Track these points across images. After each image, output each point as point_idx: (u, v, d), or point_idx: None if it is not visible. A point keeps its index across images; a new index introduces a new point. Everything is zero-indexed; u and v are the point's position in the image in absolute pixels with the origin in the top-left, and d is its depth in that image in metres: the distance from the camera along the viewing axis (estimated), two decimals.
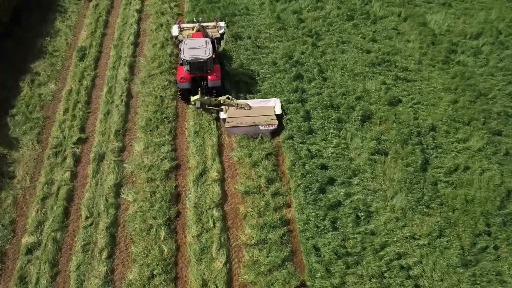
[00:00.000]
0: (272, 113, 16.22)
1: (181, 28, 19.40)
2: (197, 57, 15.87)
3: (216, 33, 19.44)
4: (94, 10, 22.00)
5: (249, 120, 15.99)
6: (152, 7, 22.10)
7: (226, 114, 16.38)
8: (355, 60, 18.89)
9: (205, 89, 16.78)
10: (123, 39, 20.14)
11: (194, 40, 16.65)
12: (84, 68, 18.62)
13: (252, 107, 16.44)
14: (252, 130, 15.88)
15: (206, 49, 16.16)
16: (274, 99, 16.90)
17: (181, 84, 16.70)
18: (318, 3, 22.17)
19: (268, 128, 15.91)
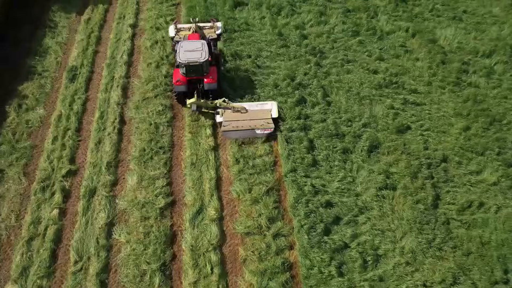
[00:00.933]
0: (269, 117, 16.15)
1: (177, 28, 18.99)
2: (193, 60, 15.76)
3: (213, 33, 19.12)
4: (86, 25, 21.02)
5: (245, 124, 15.92)
6: (147, 21, 21.13)
7: (222, 117, 16.26)
8: (361, 82, 18.07)
9: (201, 92, 16.62)
10: (116, 57, 19.23)
11: (190, 43, 16.59)
12: (74, 90, 17.74)
13: (248, 110, 16.38)
14: (248, 134, 15.84)
15: (202, 52, 16.03)
16: (270, 102, 16.86)
17: (177, 87, 16.48)
18: (321, 17, 21.24)
19: (265, 132, 15.84)
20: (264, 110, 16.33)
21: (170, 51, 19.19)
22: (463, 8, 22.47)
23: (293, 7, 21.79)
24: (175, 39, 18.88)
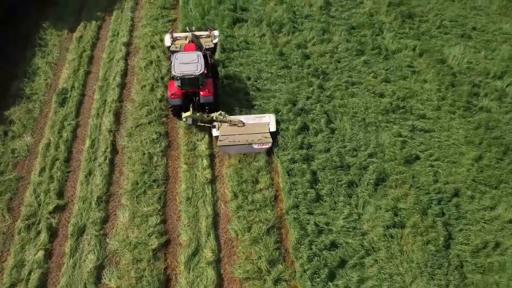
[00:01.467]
0: (267, 131, 15.80)
1: (173, 38, 18.75)
2: (188, 73, 15.48)
3: (210, 43, 18.90)
4: (78, 43, 20.23)
5: (242, 138, 15.60)
6: (141, 39, 20.33)
7: (219, 131, 15.99)
8: (366, 106, 17.28)
9: (197, 105, 16.32)
10: (108, 79, 18.46)
11: (185, 54, 16.35)
12: (64, 115, 16.93)
13: (245, 123, 16.10)
14: (245, 149, 15.47)
15: (197, 64, 15.81)
16: (268, 115, 16.49)
17: (172, 100, 16.22)
18: (324, 34, 20.44)
19: (262, 146, 15.47)
20: (262, 124, 16.07)
21: (165, 72, 18.45)
22: (472, 24, 21.73)
23: (295, 24, 21.02)
24: (171, 49, 18.61)
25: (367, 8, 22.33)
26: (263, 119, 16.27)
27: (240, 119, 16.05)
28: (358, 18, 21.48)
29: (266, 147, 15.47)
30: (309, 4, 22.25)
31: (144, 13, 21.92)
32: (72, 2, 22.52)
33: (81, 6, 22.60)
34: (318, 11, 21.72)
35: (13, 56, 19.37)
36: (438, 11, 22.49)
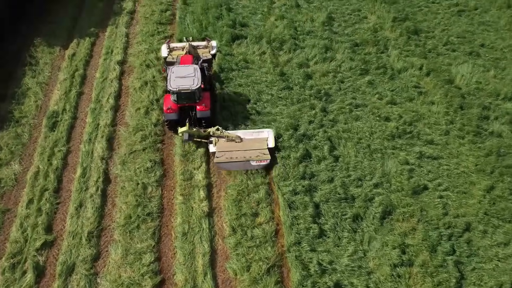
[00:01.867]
0: (265, 147, 15.48)
1: (170, 48, 18.61)
2: (184, 87, 15.18)
3: (208, 53, 18.80)
4: (70, 62, 19.50)
5: (239, 155, 15.28)
6: (136, 57, 19.62)
7: (216, 147, 15.63)
8: (371, 131, 16.62)
9: (193, 119, 16.00)
10: (101, 100, 17.79)
11: (182, 68, 16.03)
12: (55, 141, 16.25)
13: (243, 139, 15.78)
14: (243, 165, 15.19)
15: (194, 78, 15.50)
16: (267, 129, 16.21)
17: (167, 115, 15.92)
18: (327, 52, 19.74)
19: (260, 163, 15.16)
20: (260, 139, 15.73)
21: (161, 94, 17.73)
22: (480, 41, 21.00)
23: (296, 41, 20.30)
24: (168, 60, 18.41)
25: (371, 23, 21.72)
26: (261, 134, 16.01)
27: (237, 135, 15.76)
28: (362, 34, 20.86)
29: (264, 164, 15.15)
30: (311, 19, 21.66)
31: (139, 28, 21.29)
32: (65, 18, 21.83)
33: (74, 21, 21.93)
34: (321, 27, 21.09)
35: (2, 75, 18.67)
36: (445, 26, 21.86)
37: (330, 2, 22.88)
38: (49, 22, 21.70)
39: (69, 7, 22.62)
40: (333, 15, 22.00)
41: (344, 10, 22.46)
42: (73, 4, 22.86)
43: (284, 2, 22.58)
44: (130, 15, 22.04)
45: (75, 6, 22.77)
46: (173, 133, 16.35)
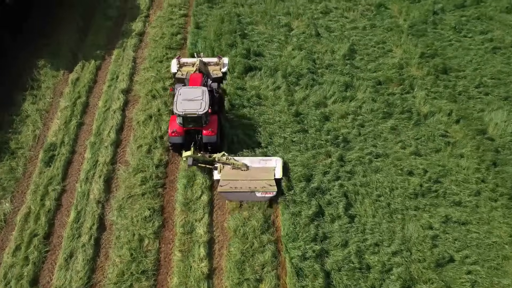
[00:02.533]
0: (272, 178, 15.11)
1: (180, 63, 18.61)
2: (191, 111, 15.00)
3: (218, 71, 18.77)
4: (73, 87, 18.81)
5: (244, 185, 15.00)
6: (142, 86, 18.77)
7: (220, 174, 15.37)
8: (392, 187, 15.35)
9: (199, 143, 15.78)
10: (102, 134, 16.96)
11: (190, 90, 15.79)
12: (50, 178, 15.49)
13: (250, 167, 15.45)
14: (247, 197, 14.89)
15: (202, 102, 15.26)
16: (275, 158, 15.82)
17: (172, 138, 15.76)
18: (347, 90, 18.47)
19: (266, 195, 14.83)
20: (267, 169, 15.44)
21: (165, 130, 16.78)
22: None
23: (314, 75, 19.04)
24: (177, 76, 18.52)
25: (397, 58, 20.32)
26: (269, 162, 15.65)
27: (244, 162, 15.49)
28: (386, 71, 19.53)
29: (270, 196, 14.82)
30: (331, 51, 20.47)
31: (147, 52, 20.48)
32: (71, 37, 21.22)
33: (81, 41, 21.23)
34: (341, 60, 19.89)
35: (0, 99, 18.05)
36: (477, 65, 20.36)
37: (353, 31, 21.72)
38: (54, 41, 21.05)
39: (76, 25, 21.99)
40: (355, 46, 20.73)
41: (368, 41, 21.24)
42: (80, 22, 22.15)
43: (303, 30, 21.52)
44: (139, 37, 21.32)
45: (82, 24, 22.07)
46: (178, 155, 16.09)
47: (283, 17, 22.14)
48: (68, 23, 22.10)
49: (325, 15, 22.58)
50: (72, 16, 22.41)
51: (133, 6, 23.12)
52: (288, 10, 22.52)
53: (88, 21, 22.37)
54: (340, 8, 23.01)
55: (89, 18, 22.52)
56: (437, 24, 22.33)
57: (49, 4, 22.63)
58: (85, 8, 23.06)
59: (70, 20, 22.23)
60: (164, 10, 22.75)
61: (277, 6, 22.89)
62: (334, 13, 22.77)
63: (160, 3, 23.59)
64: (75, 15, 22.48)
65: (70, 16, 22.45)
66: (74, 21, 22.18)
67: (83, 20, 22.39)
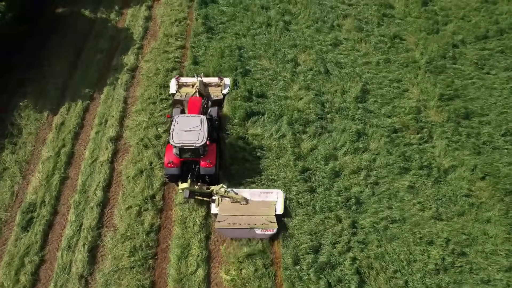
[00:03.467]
0: (272, 213, 14.77)
1: (179, 84, 18.33)
2: (188, 143, 14.63)
3: (219, 93, 18.51)
4: (57, 133, 17.49)
5: (244, 221, 14.62)
6: (133, 133, 17.43)
7: (218, 208, 15.00)
8: (410, 260, 13.96)
9: (196, 174, 15.44)
10: (88, 191, 15.64)
11: (187, 119, 15.31)
12: (27, 247, 14.13)
13: (249, 201, 15.08)
14: (246, 234, 14.48)
15: (200, 133, 14.87)
16: (276, 191, 15.44)
17: (168, 169, 15.37)
18: (359, 139, 17.09)
19: (266, 232, 14.47)
20: (268, 203, 15.10)
21: (157, 188, 15.56)
22: None
23: (323, 121, 17.72)
24: (176, 97, 18.23)
25: (413, 100, 18.81)
26: (269, 196, 15.29)
27: (243, 196, 15.17)
28: (402, 117, 18.07)
29: (270, 233, 14.44)
30: (342, 91, 19.09)
31: (140, 92, 19.12)
32: (58, 72, 19.89)
33: (68, 77, 19.73)
34: (353, 103, 18.50)
35: None
36: (503, 108, 18.90)
37: (365, 67, 20.27)
38: (40, 77, 19.72)
39: (64, 58, 20.61)
40: (368, 85, 19.28)
41: (382, 79, 19.82)
42: (69, 55, 20.75)
43: (311, 66, 20.11)
44: (130, 72, 19.92)
45: (71, 57, 20.66)
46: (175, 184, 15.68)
47: (289, 50, 20.84)
48: (57, 56, 20.73)
49: (334, 48, 21.28)
50: (62, 49, 21.00)
51: (127, 36, 21.83)
52: (294, 42, 21.22)
53: (78, 54, 21.00)
54: (351, 39, 21.74)
55: (79, 50, 21.14)
56: (457, 59, 21.01)
57: (40, 35, 21.31)
58: (77, 38, 21.63)
59: (60, 53, 20.85)
60: (159, 41, 21.44)
61: (282, 37, 21.62)
62: (345, 45, 21.50)
63: (155, 32, 22.33)
64: (65, 47, 21.08)
65: (60, 48, 21.02)
66: (63, 54, 20.76)
67: (74, 52, 21.00)
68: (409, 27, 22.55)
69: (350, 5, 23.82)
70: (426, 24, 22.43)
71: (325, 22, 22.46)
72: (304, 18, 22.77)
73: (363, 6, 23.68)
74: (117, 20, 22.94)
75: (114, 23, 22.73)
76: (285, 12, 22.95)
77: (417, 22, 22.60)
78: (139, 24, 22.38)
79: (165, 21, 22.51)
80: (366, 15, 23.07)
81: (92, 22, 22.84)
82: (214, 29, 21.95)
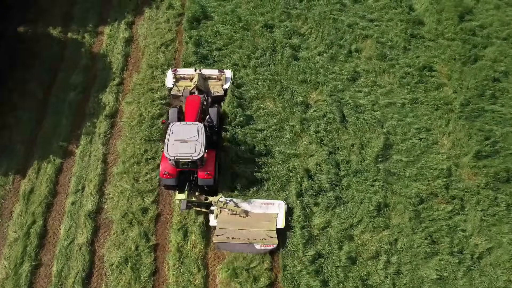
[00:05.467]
0: (273, 228, 15.00)
1: (176, 77, 18.02)
2: (184, 156, 14.53)
3: (219, 88, 18.02)
4: (26, 205, 15.60)
5: (243, 235, 14.96)
6: (115, 204, 15.50)
7: (217, 221, 15.29)
8: None
9: (194, 184, 15.47)
10: (64, 284, 14.07)
11: (183, 128, 15.04)
12: None
13: (249, 213, 15.31)
14: (245, 248, 14.82)
15: (197, 144, 14.66)
16: (278, 202, 15.65)
17: (163, 180, 15.52)
18: (379, 214, 15.33)
19: (266, 247, 14.78)
20: (269, 216, 15.30)
21: (146, 280, 14.10)
22: None
23: (338, 189, 15.70)
24: (173, 93, 17.96)
25: (444, 156, 16.72)
26: (271, 207, 15.46)
27: (243, 209, 15.31)
28: (429, 182, 16.02)
29: (270, 248, 14.78)
30: (361, 146, 16.94)
31: (121, 146, 17.00)
32: (26, 121, 17.48)
33: (37, 127, 17.44)
34: (372, 164, 16.49)
35: None
36: None
37: (388, 110, 17.84)
38: (4, 128, 17.43)
39: (30, 100, 18.03)
40: (391, 136, 17.12)
41: (407, 127, 17.49)
42: (36, 93, 18.28)
43: (324, 111, 17.65)
44: (110, 119, 17.64)
45: (38, 96, 18.23)
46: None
47: (298, 88, 18.40)
48: (22, 96, 18.26)
49: (352, 83, 18.78)
50: (27, 86, 18.46)
51: (104, 66, 19.15)
52: (304, 77, 18.68)
53: (47, 91, 18.49)
54: (372, 70, 19.12)
55: (48, 87, 18.61)
56: (497, 98, 18.66)
57: None
58: (44, 70, 18.92)
59: (24, 92, 18.39)
60: (142, 74, 18.80)
61: (289, 68, 19.03)
62: (364, 78, 18.94)
63: (138, 60, 19.59)
64: (30, 83, 18.56)
65: (24, 85, 18.49)
66: (28, 94, 18.27)
67: (41, 89, 18.50)
68: (442, 52, 19.95)
69: (371, 20, 20.97)
70: (462, 49, 19.74)
71: (341, 47, 19.81)
72: (316, 41, 20.09)
73: (386, 23, 20.86)
74: (92, 43, 20.15)
75: (89, 47, 20.00)
76: (293, 33, 20.17)
77: (451, 47, 19.92)
78: (118, 49, 19.65)
79: (149, 46, 19.75)
80: (390, 35, 20.33)
81: (62, 45, 20.05)
82: (208, 58, 19.36)
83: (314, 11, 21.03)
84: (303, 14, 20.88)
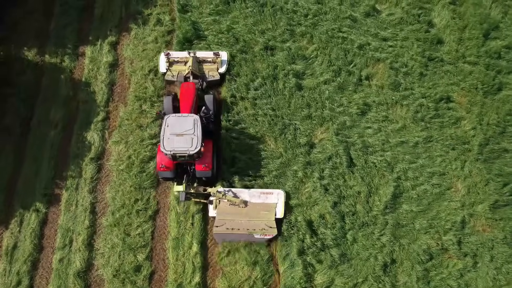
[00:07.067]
0: (272, 218, 15.83)
1: (170, 60, 18.20)
2: (180, 150, 15.01)
3: (215, 72, 18.29)
4: (10, 263, 15.29)
5: (242, 226, 15.78)
6: (106, 262, 15.25)
7: (216, 212, 16.06)
8: None
9: (192, 175, 16.17)
10: None
11: (179, 120, 15.38)
12: None
13: (248, 203, 16.01)
14: (244, 237, 15.79)
15: (193, 138, 15.10)
16: (277, 191, 16.34)
17: (161, 173, 16.17)
18: (385, 272, 15.22)
19: (265, 237, 15.72)
20: (268, 206, 16.04)
21: None
22: None
23: (343, 244, 15.33)
24: (167, 78, 18.26)
25: (457, 204, 16.25)
26: (270, 197, 16.16)
27: (242, 199, 16.02)
28: (440, 235, 15.67)
29: (269, 238, 15.75)
30: (368, 194, 16.36)
31: (110, 194, 16.52)
32: (1, 169, 16.77)
33: (15, 173, 16.77)
34: (381, 216, 16.05)
35: None
36: None
37: (400, 151, 17.15)
38: None
39: (6, 141, 17.20)
40: (401, 182, 16.62)
41: (419, 171, 16.96)
42: (12, 133, 17.44)
43: (329, 153, 16.97)
44: (96, 162, 17.06)
45: (15, 136, 17.42)
46: None
47: (301, 125, 17.61)
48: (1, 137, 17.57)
49: (361, 117, 17.96)
50: (3, 122, 17.64)
51: (87, 98, 18.20)
52: (309, 111, 17.89)
53: (25, 130, 17.65)
54: (383, 102, 18.25)
55: (25, 124, 17.74)
56: None
57: None
58: (20, 103, 17.89)
59: (3, 131, 17.53)
60: (130, 107, 17.97)
61: (292, 101, 18.13)
62: (375, 112, 18.07)
63: (124, 90, 18.63)
64: (5, 119, 17.57)
65: (3, 122, 17.67)
66: (3, 133, 17.39)
67: (19, 125, 17.63)
68: (462, 80, 18.96)
69: (385, 39, 19.68)
70: (485, 76, 18.76)
71: (350, 74, 18.80)
72: (322, 66, 19.00)
73: (401, 43, 19.66)
74: (73, 68, 19.08)
75: (69, 73, 18.93)
76: (296, 56, 19.07)
77: (473, 73, 18.98)
78: (102, 77, 18.62)
79: (136, 72, 18.70)
80: (405, 59, 19.16)
81: (39, 71, 18.94)
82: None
83: (321, 28, 19.80)
84: (308, 32, 19.66)
